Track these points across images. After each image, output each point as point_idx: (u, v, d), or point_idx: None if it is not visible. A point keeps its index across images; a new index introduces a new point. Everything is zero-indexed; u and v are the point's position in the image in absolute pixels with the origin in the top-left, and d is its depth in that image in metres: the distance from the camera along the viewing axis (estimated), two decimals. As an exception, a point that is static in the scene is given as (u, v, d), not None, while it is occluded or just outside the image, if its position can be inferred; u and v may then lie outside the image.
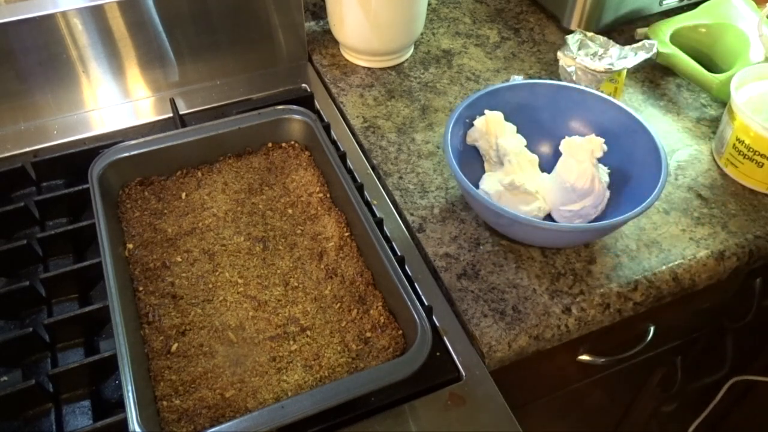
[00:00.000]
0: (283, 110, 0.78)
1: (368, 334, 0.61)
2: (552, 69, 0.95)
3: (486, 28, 1.03)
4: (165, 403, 0.56)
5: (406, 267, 0.69)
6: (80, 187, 0.73)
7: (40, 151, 0.81)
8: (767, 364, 1.07)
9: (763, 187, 0.77)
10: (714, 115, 0.88)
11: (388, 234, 0.73)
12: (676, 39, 0.93)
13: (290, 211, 0.72)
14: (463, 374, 0.62)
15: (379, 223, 0.72)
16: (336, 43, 0.98)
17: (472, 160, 0.77)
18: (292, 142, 0.78)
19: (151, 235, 0.68)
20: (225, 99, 0.90)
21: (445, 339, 0.64)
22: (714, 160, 0.82)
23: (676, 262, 0.71)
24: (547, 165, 0.76)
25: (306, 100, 0.87)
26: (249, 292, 0.64)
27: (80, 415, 0.59)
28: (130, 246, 0.67)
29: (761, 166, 0.75)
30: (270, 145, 0.78)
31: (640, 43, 0.84)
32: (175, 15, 0.84)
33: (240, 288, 0.65)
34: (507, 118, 0.76)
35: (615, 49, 0.84)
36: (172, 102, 0.84)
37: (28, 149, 0.82)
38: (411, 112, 0.88)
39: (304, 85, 0.93)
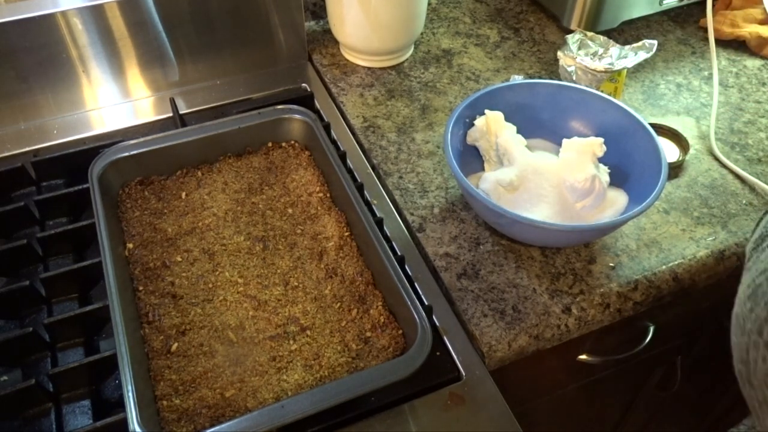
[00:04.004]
0: (283, 110, 0.78)
1: (368, 334, 0.61)
2: (552, 69, 0.95)
3: (486, 28, 1.03)
4: (165, 402, 0.56)
5: (406, 267, 0.69)
6: (80, 187, 0.73)
7: (40, 151, 0.81)
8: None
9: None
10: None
11: (388, 234, 0.73)
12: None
13: (290, 210, 0.72)
14: (463, 374, 0.62)
15: (379, 222, 0.72)
16: (336, 42, 0.98)
17: (472, 160, 0.77)
18: (292, 142, 0.78)
19: (151, 234, 0.68)
20: (225, 99, 0.90)
21: (445, 339, 0.64)
22: (713, 159, 0.82)
23: (676, 262, 0.71)
24: (547, 165, 0.76)
25: (306, 100, 0.87)
26: (249, 292, 0.64)
27: (80, 415, 0.59)
28: (130, 246, 0.67)
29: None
30: (270, 144, 0.78)
31: (640, 43, 0.84)
32: (175, 15, 0.84)
33: (240, 288, 0.65)
34: (507, 118, 0.76)
35: (615, 48, 0.84)
36: (172, 102, 0.84)
37: (28, 149, 0.82)
38: (411, 112, 0.88)
39: (304, 84, 0.93)
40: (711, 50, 0.90)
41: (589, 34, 0.86)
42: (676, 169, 0.81)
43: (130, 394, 0.52)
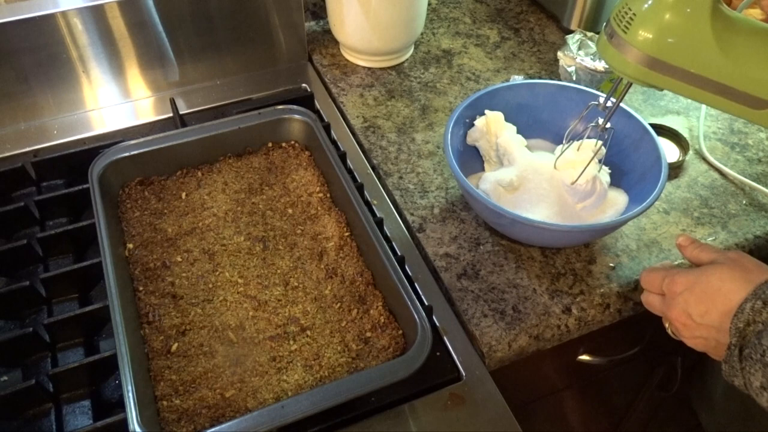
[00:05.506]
0: (283, 110, 0.78)
1: (368, 334, 0.61)
2: (552, 69, 0.95)
3: (486, 28, 1.03)
4: (165, 402, 0.56)
5: (406, 267, 0.69)
6: (80, 187, 0.73)
7: (41, 151, 0.81)
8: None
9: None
10: (714, 114, 0.88)
11: (388, 234, 0.73)
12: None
13: (290, 210, 0.72)
14: (463, 374, 0.62)
15: (379, 223, 0.72)
16: (336, 43, 0.98)
17: (472, 160, 0.77)
18: (292, 142, 0.78)
19: (151, 234, 0.68)
20: (225, 99, 0.90)
21: (445, 339, 0.64)
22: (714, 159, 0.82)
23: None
24: (547, 165, 0.76)
25: (306, 100, 0.87)
26: (249, 292, 0.64)
27: (80, 415, 0.59)
28: (130, 246, 0.67)
29: None
30: (270, 144, 0.78)
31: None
32: (175, 15, 0.84)
33: (240, 288, 0.65)
34: (507, 118, 0.76)
35: (615, 49, 0.84)
36: (172, 102, 0.84)
37: (28, 149, 0.82)
38: (411, 112, 0.88)
39: (304, 85, 0.93)
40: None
41: (589, 34, 0.86)
42: (676, 169, 0.81)
43: (130, 394, 0.52)
